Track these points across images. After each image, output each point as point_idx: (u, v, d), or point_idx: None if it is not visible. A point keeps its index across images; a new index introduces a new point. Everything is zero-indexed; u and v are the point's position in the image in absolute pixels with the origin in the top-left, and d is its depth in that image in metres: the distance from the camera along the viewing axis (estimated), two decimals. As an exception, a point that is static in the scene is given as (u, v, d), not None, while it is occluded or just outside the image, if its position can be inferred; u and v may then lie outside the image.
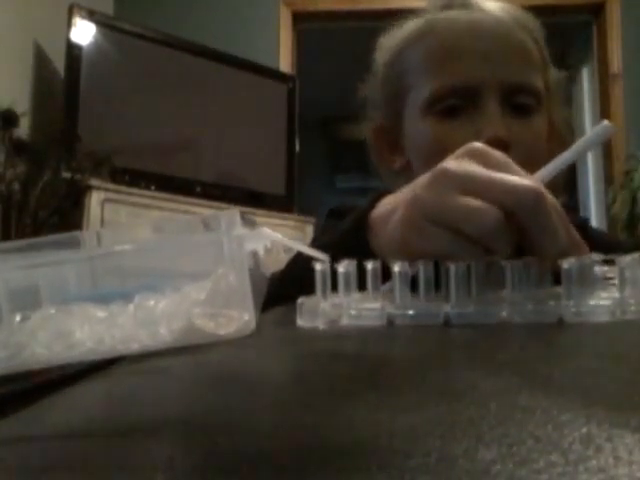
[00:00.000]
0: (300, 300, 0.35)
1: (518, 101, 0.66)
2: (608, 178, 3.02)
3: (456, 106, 0.66)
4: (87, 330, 0.27)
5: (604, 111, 3.05)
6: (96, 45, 2.37)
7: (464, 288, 0.33)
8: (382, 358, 0.23)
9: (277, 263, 0.62)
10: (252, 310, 0.28)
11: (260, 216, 2.48)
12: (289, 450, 0.14)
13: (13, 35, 2.23)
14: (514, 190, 0.35)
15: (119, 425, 0.18)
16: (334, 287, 0.35)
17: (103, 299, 0.28)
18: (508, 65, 0.66)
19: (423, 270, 0.34)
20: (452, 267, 0.33)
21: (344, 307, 0.34)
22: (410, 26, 0.74)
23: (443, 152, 0.61)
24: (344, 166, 5.48)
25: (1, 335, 0.28)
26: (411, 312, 0.33)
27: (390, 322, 0.33)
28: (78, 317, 0.27)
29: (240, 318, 0.28)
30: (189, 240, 0.30)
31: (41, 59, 2.41)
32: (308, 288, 0.35)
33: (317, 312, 0.34)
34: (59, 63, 2.39)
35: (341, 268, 0.34)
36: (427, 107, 0.67)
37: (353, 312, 0.34)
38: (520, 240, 0.36)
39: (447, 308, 0.32)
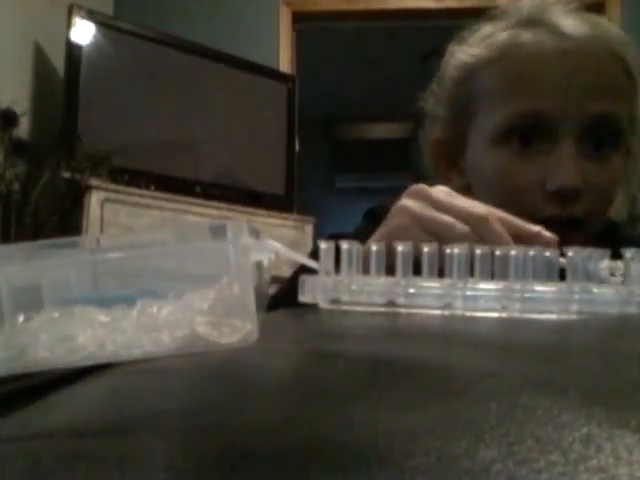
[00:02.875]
0: (302, 277, 0.35)
1: (598, 135, 0.62)
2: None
3: (528, 138, 0.62)
4: (89, 334, 0.27)
5: None
6: (96, 45, 2.37)
7: (467, 275, 0.33)
8: (382, 357, 0.23)
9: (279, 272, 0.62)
10: (255, 320, 0.28)
11: (260, 216, 2.48)
12: (289, 449, 0.14)
13: (13, 35, 2.23)
14: (466, 212, 0.45)
15: (119, 424, 0.18)
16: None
17: (105, 302, 0.28)
18: (591, 97, 0.61)
19: (427, 253, 0.34)
20: (455, 251, 0.33)
21: (345, 284, 0.34)
22: (487, 42, 0.66)
23: (512, 193, 0.61)
24: (344, 166, 5.48)
25: (3, 336, 0.28)
26: (412, 290, 0.33)
27: (391, 301, 0.33)
28: (81, 321, 0.27)
29: (243, 328, 0.28)
30: (194, 246, 0.30)
31: (41, 59, 2.41)
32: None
33: (318, 288, 0.34)
34: (59, 63, 2.39)
35: (344, 245, 0.34)
36: (498, 135, 0.63)
37: (354, 288, 0.34)
38: None
39: (449, 290, 0.32)
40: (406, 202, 0.49)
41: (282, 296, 0.51)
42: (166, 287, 0.29)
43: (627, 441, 0.13)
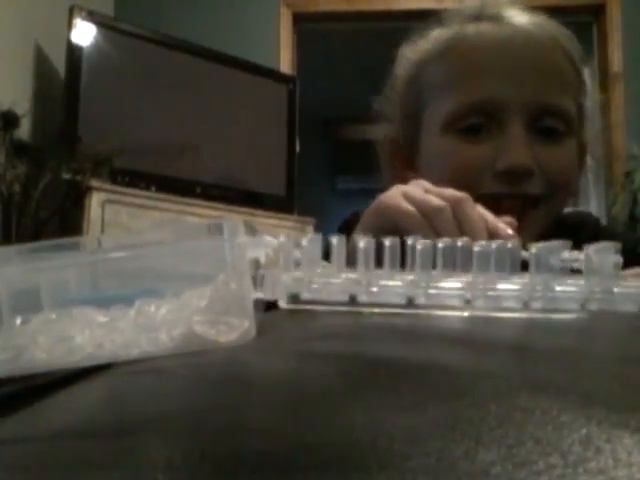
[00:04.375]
0: (261, 271, 0.34)
1: (546, 124, 0.63)
2: (608, 179, 3.02)
3: (478, 125, 0.63)
4: (87, 335, 0.27)
5: (604, 111, 3.04)
6: (96, 46, 2.37)
7: (429, 268, 0.33)
8: (382, 358, 0.23)
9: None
10: (252, 318, 0.28)
11: (260, 217, 2.48)
12: (289, 450, 0.14)
13: (13, 36, 2.23)
14: (448, 194, 0.50)
15: (119, 425, 0.18)
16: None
17: (103, 302, 0.28)
18: (535, 85, 0.62)
19: (389, 246, 0.33)
20: (418, 245, 0.33)
21: (306, 281, 0.33)
22: (433, 38, 0.68)
23: (461, 174, 0.61)
24: (344, 167, 5.47)
25: (1, 338, 0.28)
26: (374, 289, 0.33)
27: (352, 298, 0.33)
28: (79, 322, 0.27)
29: (240, 325, 0.28)
30: (191, 245, 0.30)
31: (41, 60, 2.41)
32: None
33: (278, 285, 0.33)
34: (59, 64, 2.40)
35: (304, 242, 0.34)
36: (446, 125, 0.64)
37: (315, 286, 0.33)
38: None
39: (411, 288, 0.32)
40: (405, 185, 0.55)
41: None
42: (164, 286, 0.29)
43: (626, 442, 0.13)
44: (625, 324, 0.32)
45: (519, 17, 0.66)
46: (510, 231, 0.49)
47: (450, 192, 0.51)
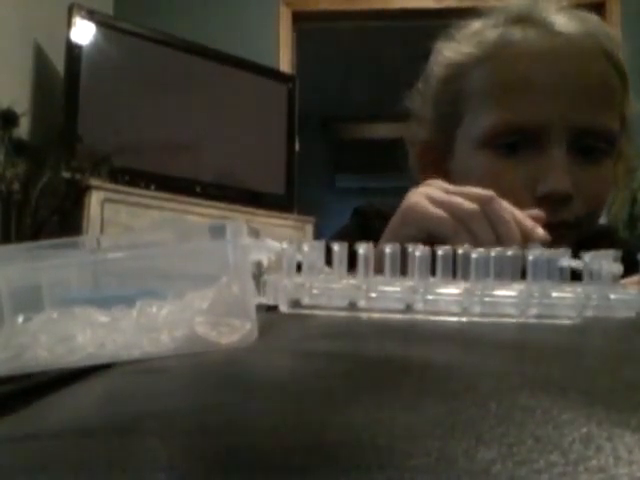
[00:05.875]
0: (264, 278, 0.34)
1: (588, 144, 0.60)
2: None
3: (517, 143, 0.60)
4: (89, 335, 0.27)
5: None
6: (96, 45, 2.37)
7: (428, 276, 0.33)
8: (382, 357, 0.23)
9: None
10: (254, 320, 0.28)
11: (260, 216, 2.48)
12: (289, 450, 0.14)
13: (13, 35, 2.23)
14: (475, 195, 0.50)
15: (119, 424, 0.18)
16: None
17: (105, 302, 0.28)
18: (583, 107, 0.59)
19: (390, 253, 0.34)
20: (417, 252, 0.33)
21: (306, 287, 0.33)
22: (476, 40, 0.64)
23: (499, 192, 0.59)
24: (344, 166, 5.48)
25: (3, 336, 0.28)
26: (373, 295, 0.33)
27: (352, 304, 0.33)
28: (80, 321, 0.27)
29: (242, 327, 0.28)
30: (194, 246, 0.30)
31: (41, 59, 2.41)
32: None
33: (280, 290, 0.34)
34: (59, 63, 2.39)
35: (306, 248, 0.34)
36: (485, 140, 0.61)
37: (315, 292, 0.34)
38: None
39: (409, 294, 0.32)
40: (421, 187, 0.53)
41: None
42: (166, 287, 0.29)
43: (627, 441, 0.13)
44: (623, 326, 0.32)
45: (567, 23, 0.62)
46: (541, 231, 0.49)
47: (475, 192, 0.49)
